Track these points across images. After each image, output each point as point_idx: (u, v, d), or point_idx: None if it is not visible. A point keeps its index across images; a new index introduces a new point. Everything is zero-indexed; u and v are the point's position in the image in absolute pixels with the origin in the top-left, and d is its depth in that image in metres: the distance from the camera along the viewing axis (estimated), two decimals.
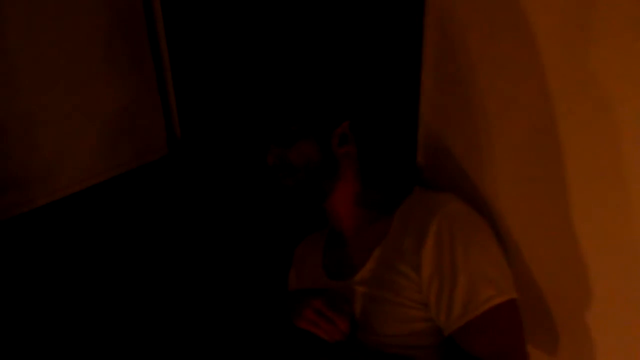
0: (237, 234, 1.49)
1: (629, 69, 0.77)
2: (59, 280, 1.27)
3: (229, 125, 1.41)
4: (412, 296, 0.95)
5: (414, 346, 0.96)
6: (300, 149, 1.04)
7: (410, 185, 1.08)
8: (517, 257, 1.01)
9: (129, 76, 1.36)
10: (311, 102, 1.07)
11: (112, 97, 1.34)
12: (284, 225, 1.41)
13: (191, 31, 1.41)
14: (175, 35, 1.42)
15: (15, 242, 1.22)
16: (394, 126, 1.19)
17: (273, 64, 1.31)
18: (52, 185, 1.27)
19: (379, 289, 0.99)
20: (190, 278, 1.45)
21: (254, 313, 1.21)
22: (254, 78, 1.33)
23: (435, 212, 0.96)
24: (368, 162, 1.10)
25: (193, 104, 1.44)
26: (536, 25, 0.87)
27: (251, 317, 1.26)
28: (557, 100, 0.87)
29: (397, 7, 1.11)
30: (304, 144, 1.05)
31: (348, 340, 0.99)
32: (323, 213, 1.14)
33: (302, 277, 1.24)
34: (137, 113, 1.39)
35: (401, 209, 1.04)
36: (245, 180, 1.42)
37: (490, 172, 1.03)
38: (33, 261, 1.23)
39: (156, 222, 1.45)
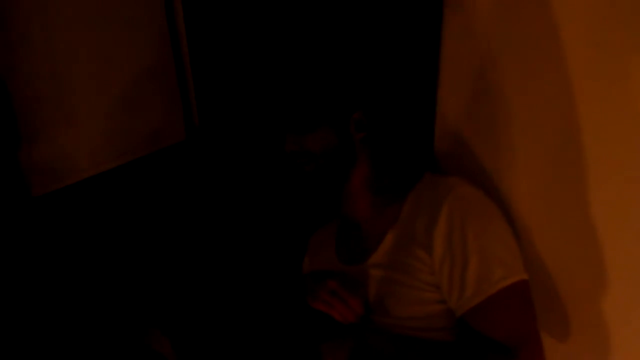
0: (252, 222, 1.50)
1: None
2: (73, 265, 1.28)
3: (246, 113, 1.42)
4: (424, 278, 0.97)
5: (427, 328, 0.97)
6: (318, 135, 1.05)
7: (422, 171, 1.10)
8: (529, 241, 1.01)
9: (147, 62, 1.38)
10: (328, 89, 1.08)
11: (130, 82, 1.36)
12: (299, 215, 1.42)
13: (210, 18, 1.43)
14: (194, 22, 1.44)
15: (32, 225, 1.24)
16: (410, 113, 1.20)
17: (291, 51, 1.32)
18: (69, 168, 1.29)
19: (392, 272, 1.00)
20: (204, 264, 1.47)
21: (267, 300, 1.23)
22: (272, 65, 1.34)
23: (446, 195, 0.97)
24: (383, 148, 1.11)
25: (211, 91, 1.45)
26: (560, 18, 0.87)
27: (264, 305, 1.27)
28: (576, 90, 0.88)
29: None
30: (321, 131, 1.05)
31: (361, 322, 1.00)
32: (337, 200, 1.15)
33: (315, 264, 1.25)
34: (155, 99, 1.41)
35: (412, 193, 1.06)
36: (261, 168, 1.43)
37: (505, 158, 1.04)
38: (49, 244, 1.25)
39: (171, 207, 1.46)
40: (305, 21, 1.30)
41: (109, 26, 1.30)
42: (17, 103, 1.16)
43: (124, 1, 1.33)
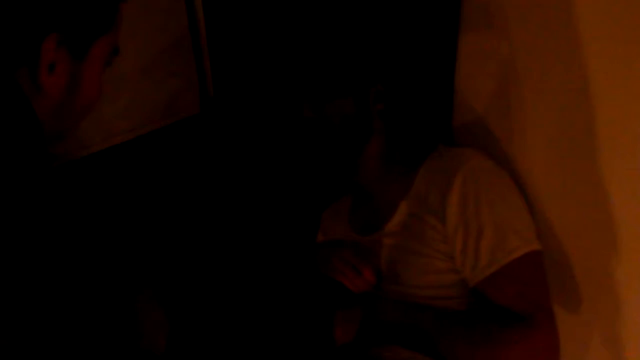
0: (265, 195, 1.50)
1: None
2: (84, 236, 1.30)
3: (262, 84, 1.42)
4: (438, 247, 0.98)
5: (439, 297, 0.98)
6: (337, 104, 1.06)
7: (435, 143, 1.10)
8: (542, 213, 1.01)
9: (163, 32, 1.38)
10: (350, 59, 1.08)
11: (145, 53, 1.36)
12: (312, 189, 1.43)
13: None
14: None
15: (50, 195, 1.25)
16: (429, 87, 1.20)
17: (309, 21, 1.31)
18: (83, 141, 1.29)
19: (405, 240, 1.02)
20: (218, 235, 1.48)
21: (279, 272, 1.23)
22: (289, 34, 1.33)
23: (460, 166, 0.98)
24: (399, 121, 1.12)
25: (227, 63, 1.45)
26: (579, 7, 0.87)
27: (276, 276, 1.28)
28: (592, 63, 0.87)
29: None
30: (340, 100, 1.06)
31: (374, 291, 1.01)
32: (351, 170, 1.16)
33: (328, 236, 1.26)
34: (170, 70, 1.41)
35: (425, 164, 1.07)
36: (275, 141, 1.44)
37: (520, 131, 1.04)
38: (63, 216, 1.26)
39: (186, 179, 1.47)
40: None
41: None
42: None
43: None
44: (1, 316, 0.69)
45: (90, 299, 1.02)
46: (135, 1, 1.30)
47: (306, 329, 1.00)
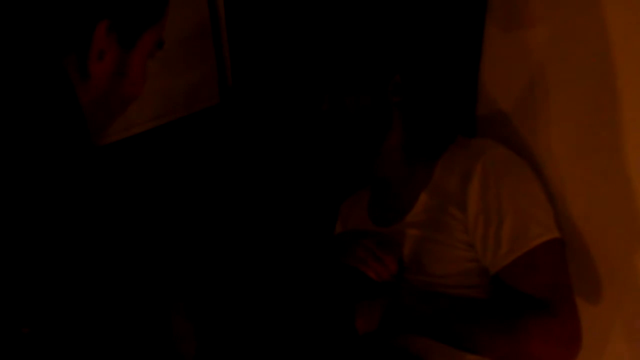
0: (284, 187, 1.51)
1: None
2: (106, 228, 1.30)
3: (281, 75, 1.43)
4: (458, 236, 0.99)
5: (460, 286, 0.99)
6: (356, 96, 1.06)
7: (455, 134, 1.11)
8: (566, 206, 1.02)
9: (183, 20, 1.38)
10: (370, 51, 1.08)
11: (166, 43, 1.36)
12: (331, 182, 1.43)
13: None
14: None
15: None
16: (450, 79, 1.20)
17: (329, 12, 1.31)
18: (107, 130, 1.30)
19: (427, 230, 1.03)
20: (237, 225, 1.48)
21: (299, 263, 1.24)
22: (308, 25, 1.34)
23: (480, 155, 0.99)
24: (418, 113, 1.12)
25: (246, 53, 1.45)
26: None
27: (297, 267, 1.28)
28: (617, 63, 0.87)
29: None
30: (360, 92, 1.06)
31: (396, 280, 1.01)
32: (369, 162, 1.16)
33: (348, 227, 1.27)
34: (190, 60, 1.41)
35: (445, 154, 1.08)
36: (294, 132, 1.44)
37: (545, 125, 1.04)
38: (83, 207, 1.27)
39: (205, 170, 1.48)
40: None
41: None
42: None
43: None
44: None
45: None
46: None
47: (328, 319, 1.01)
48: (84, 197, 0.74)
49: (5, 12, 0.71)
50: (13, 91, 0.69)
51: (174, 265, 1.29)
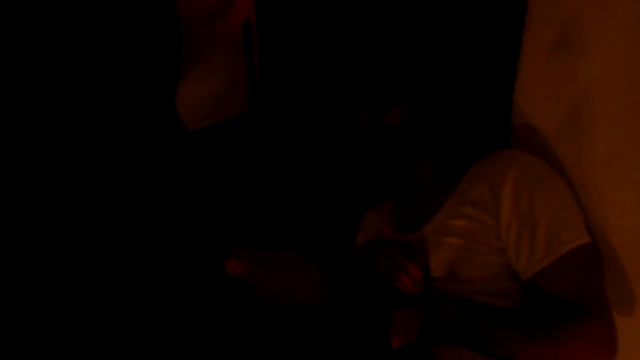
0: (309, 195, 1.50)
1: None
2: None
3: (310, 84, 1.43)
4: (488, 242, 0.98)
5: (491, 292, 0.98)
6: (398, 111, 1.08)
7: (484, 148, 1.12)
8: (593, 211, 1.00)
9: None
10: (414, 68, 1.10)
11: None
12: (353, 193, 1.42)
13: None
14: None
15: None
16: (487, 100, 1.21)
17: (368, 28, 1.32)
18: None
19: (453, 237, 1.01)
20: (264, 235, 1.47)
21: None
22: (346, 35, 1.35)
23: (511, 163, 1.00)
24: (455, 131, 1.14)
25: (277, 63, 1.46)
26: None
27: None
28: None
29: None
30: (401, 107, 1.08)
31: (423, 288, 1.00)
32: (401, 176, 1.16)
33: (369, 237, 1.25)
34: (220, 69, 1.41)
35: (474, 165, 1.08)
36: (323, 141, 1.44)
37: (579, 144, 1.02)
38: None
39: (228, 178, 1.47)
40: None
41: None
42: None
43: None
44: None
45: None
46: None
47: (359, 330, 1.01)
48: None
49: None
50: None
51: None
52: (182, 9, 0.74)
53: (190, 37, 0.86)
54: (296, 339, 1.09)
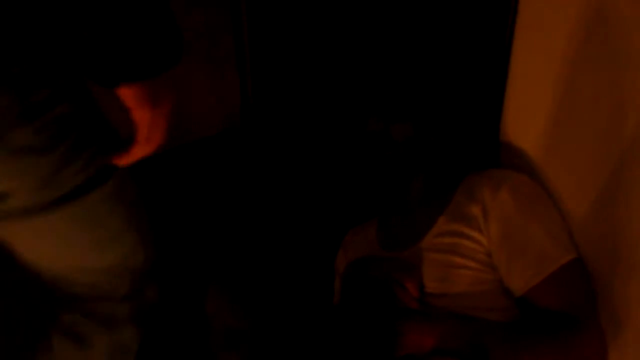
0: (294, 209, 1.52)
1: None
2: None
3: (305, 95, 1.44)
4: (480, 259, 1.01)
5: (483, 308, 1.00)
6: (404, 126, 1.12)
7: (476, 165, 1.16)
8: (579, 228, 1.02)
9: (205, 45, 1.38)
10: (421, 88, 1.16)
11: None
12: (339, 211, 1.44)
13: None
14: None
15: None
16: (476, 119, 1.25)
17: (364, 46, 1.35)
18: None
19: (446, 254, 1.04)
20: (258, 248, 1.48)
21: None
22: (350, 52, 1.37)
23: (502, 182, 1.03)
24: (449, 148, 1.18)
25: (269, 75, 1.45)
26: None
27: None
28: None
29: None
30: (408, 125, 1.12)
31: (418, 304, 1.02)
32: (393, 192, 1.17)
33: (356, 254, 1.26)
34: (210, 81, 1.41)
35: (465, 181, 1.11)
36: (312, 154, 1.44)
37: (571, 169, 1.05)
38: None
39: (220, 190, 1.47)
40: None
41: None
42: None
43: None
44: None
45: None
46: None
47: (361, 345, 1.02)
48: None
49: None
50: None
51: None
52: None
53: None
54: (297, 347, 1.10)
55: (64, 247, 0.72)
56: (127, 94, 0.66)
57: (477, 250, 1.02)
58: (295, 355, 1.20)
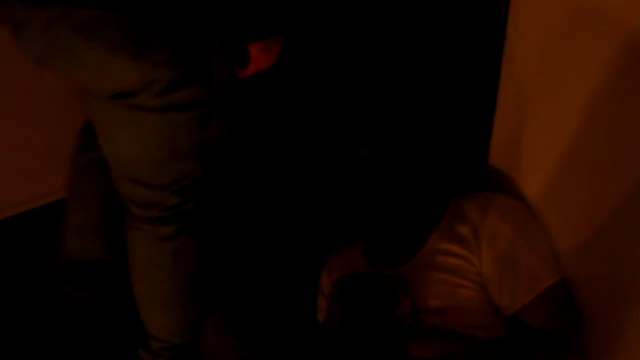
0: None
1: None
2: None
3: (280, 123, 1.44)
4: (471, 277, 1.04)
5: (473, 326, 1.02)
6: (397, 149, 1.15)
7: (463, 188, 1.18)
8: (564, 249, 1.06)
9: None
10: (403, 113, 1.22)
11: None
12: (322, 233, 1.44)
13: None
14: None
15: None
16: (464, 141, 1.27)
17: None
18: None
19: (437, 272, 1.06)
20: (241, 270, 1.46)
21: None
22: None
23: (491, 204, 1.07)
24: (438, 171, 1.22)
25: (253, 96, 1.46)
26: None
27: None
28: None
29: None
30: (400, 146, 1.16)
31: (410, 321, 1.04)
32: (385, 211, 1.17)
33: (335, 279, 1.27)
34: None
35: (455, 200, 1.14)
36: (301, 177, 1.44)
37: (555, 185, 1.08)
38: None
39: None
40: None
41: None
42: None
43: None
44: None
45: None
46: None
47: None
48: None
49: None
50: None
51: None
52: None
53: None
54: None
55: (153, 146, 0.91)
56: (253, 47, 0.91)
57: (468, 269, 1.04)
58: None
